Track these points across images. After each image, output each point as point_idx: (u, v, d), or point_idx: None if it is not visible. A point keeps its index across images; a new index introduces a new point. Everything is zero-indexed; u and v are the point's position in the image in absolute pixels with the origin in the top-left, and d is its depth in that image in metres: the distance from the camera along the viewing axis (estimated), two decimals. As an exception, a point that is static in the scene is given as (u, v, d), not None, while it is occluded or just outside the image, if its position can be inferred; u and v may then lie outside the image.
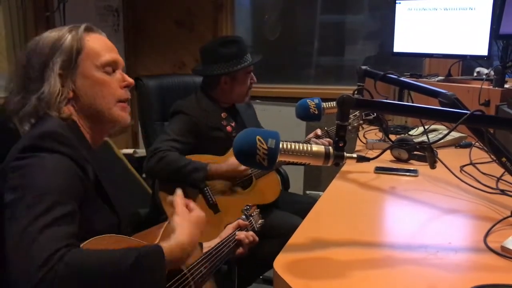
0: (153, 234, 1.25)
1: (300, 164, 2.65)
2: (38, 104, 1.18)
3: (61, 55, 1.20)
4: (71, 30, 1.25)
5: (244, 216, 1.69)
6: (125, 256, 0.99)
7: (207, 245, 1.49)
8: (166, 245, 1.09)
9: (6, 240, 0.98)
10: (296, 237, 1.23)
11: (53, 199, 1.01)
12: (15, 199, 1.01)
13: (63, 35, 1.23)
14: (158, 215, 2.12)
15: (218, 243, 1.50)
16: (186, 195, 2.12)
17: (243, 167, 2.12)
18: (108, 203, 1.23)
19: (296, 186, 3.55)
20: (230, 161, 2.13)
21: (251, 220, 1.70)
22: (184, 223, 1.19)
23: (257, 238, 1.62)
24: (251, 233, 1.61)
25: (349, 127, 2.19)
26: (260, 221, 1.77)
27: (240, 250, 1.57)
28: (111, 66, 1.27)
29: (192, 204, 1.28)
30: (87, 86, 1.23)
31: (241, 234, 1.58)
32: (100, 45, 1.27)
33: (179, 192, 1.31)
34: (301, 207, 2.19)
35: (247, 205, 1.76)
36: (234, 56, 2.28)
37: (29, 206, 0.99)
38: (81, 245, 1.03)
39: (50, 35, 1.23)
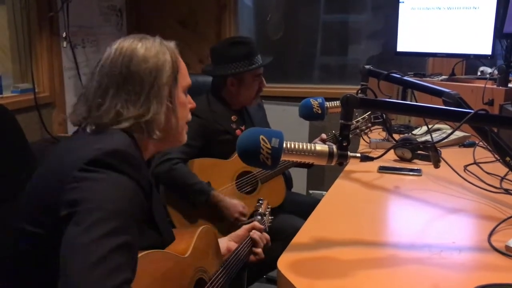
0: (188, 238, 1.27)
1: (306, 166, 2.66)
2: (145, 122, 1.11)
3: (169, 71, 1.16)
4: (166, 45, 1.21)
5: (259, 217, 1.65)
6: None
7: (224, 246, 1.47)
8: None
9: (64, 249, 0.90)
10: (300, 237, 1.24)
11: (122, 223, 0.94)
12: (81, 211, 0.93)
13: (163, 51, 1.18)
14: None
15: (236, 250, 1.46)
16: (190, 201, 2.14)
17: (240, 217, 2.09)
18: (156, 225, 1.19)
19: (300, 185, 3.55)
20: (234, 202, 2.12)
21: (264, 221, 1.67)
22: None
23: (269, 241, 1.59)
24: (265, 235, 1.58)
25: (358, 131, 2.19)
26: (270, 218, 1.75)
27: (257, 251, 1.53)
28: (188, 88, 1.27)
29: None
30: (177, 106, 1.20)
31: (254, 234, 1.54)
32: (183, 65, 1.26)
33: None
34: (304, 207, 2.18)
35: (259, 200, 1.74)
36: (242, 58, 2.22)
37: (97, 222, 0.91)
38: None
39: (149, 47, 1.17)
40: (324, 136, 2.33)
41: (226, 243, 1.50)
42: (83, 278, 0.85)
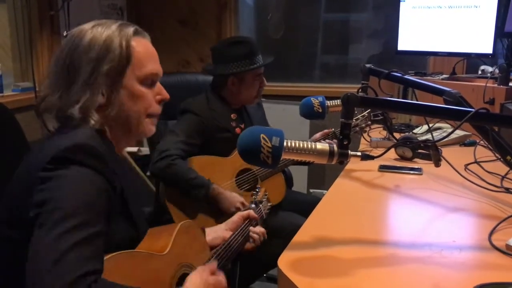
0: (167, 235, 1.24)
1: (305, 163, 2.66)
2: (78, 112, 1.11)
3: (109, 63, 1.12)
4: (120, 31, 1.15)
5: (253, 205, 1.65)
6: None
7: (220, 235, 1.46)
8: None
9: (30, 251, 0.93)
10: (300, 236, 1.24)
11: (84, 217, 0.96)
12: (44, 212, 0.96)
13: (112, 38, 1.13)
14: (162, 214, 2.13)
15: (229, 239, 1.46)
16: (191, 196, 2.15)
17: (240, 205, 2.08)
18: (129, 217, 1.18)
19: (300, 184, 3.55)
20: (234, 195, 2.12)
21: (260, 208, 1.67)
22: (201, 284, 1.16)
23: (266, 235, 1.60)
24: (263, 230, 1.59)
25: (357, 128, 2.19)
26: (268, 205, 1.74)
27: (248, 245, 1.54)
28: (152, 79, 1.19)
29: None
30: (124, 97, 1.15)
31: (254, 234, 1.56)
32: (145, 53, 1.18)
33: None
34: (304, 206, 2.19)
35: (257, 187, 1.74)
36: (243, 57, 2.23)
37: (59, 221, 0.94)
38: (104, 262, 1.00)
39: (97, 34, 1.13)
40: (327, 130, 2.34)
41: (222, 232, 1.48)
42: (48, 275, 0.88)
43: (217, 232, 1.49)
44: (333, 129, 2.36)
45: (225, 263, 1.41)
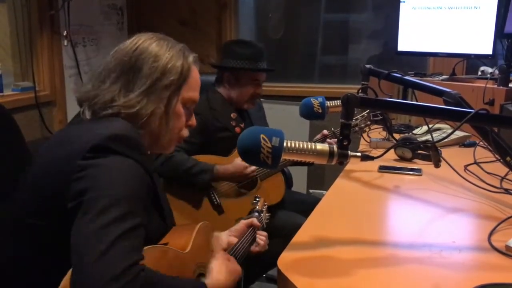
0: (187, 234, 1.27)
1: (306, 164, 2.66)
2: (129, 113, 1.13)
3: (174, 75, 1.17)
4: (184, 53, 1.22)
5: (256, 213, 1.66)
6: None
7: (224, 241, 1.47)
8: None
9: (73, 239, 0.93)
10: (300, 236, 1.24)
11: (129, 207, 0.96)
12: (87, 200, 0.95)
13: (177, 57, 1.20)
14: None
15: (235, 245, 1.47)
16: (191, 196, 2.15)
17: (249, 169, 2.11)
18: (160, 212, 1.22)
19: (300, 185, 3.55)
20: (236, 163, 2.12)
21: (261, 218, 1.68)
22: (222, 268, 1.24)
23: (267, 239, 1.61)
24: (265, 233, 1.60)
25: (357, 128, 2.19)
26: (267, 215, 1.76)
27: (254, 248, 1.56)
28: (192, 104, 1.26)
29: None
30: (165, 113, 1.18)
31: (261, 237, 1.57)
32: (196, 80, 1.25)
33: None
34: (304, 206, 2.19)
35: (256, 197, 1.75)
36: (245, 57, 2.23)
37: (104, 209, 0.93)
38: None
39: (164, 48, 1.19)
40: (326, 132, 2.34)
41: (226, 238, 1.49)
42: (95, 266, 0.87)
43: (222, 237, 1.50)
44: (332, 128, 2.36)
45: None
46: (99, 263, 0.87)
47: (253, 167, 2.11)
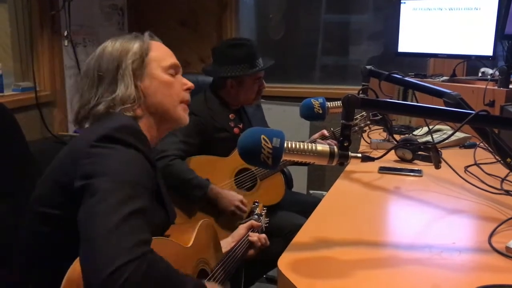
0: (190, 229, 1.31)
1: (305, 164, 2.66)
2: (113, 105, 1.20)
3: (132, 57, 1.24)
4: (136, 36, 1.30)
5: (256, 216, 1.68)
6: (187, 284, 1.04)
7: (228, 246, 1.50)
8: None
9: (82, 219, 0.95)
10: (300, 237, 1.24)
11: (135, 192, 1.00)
12: (94, 183, 0.98)
13: (130, 40, 1.28)
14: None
15: (233, 247, 1.50)
16: (189, 197, 2.14)
17: (239, 203, 2.09)
18: (162, 204, 1.26)
19: (300, 185, 3.55)
20: (232, 193, 2.12)
21: (261, 221, 1.69)
22: None
23: (268, 241, 1.61)
24: (263, 235, 1.61)
25: (356, 128, 2.19)
26: (266, 220, 1.77)
27: (251, 251, 1.57)
28: (174, 69, 1.31)
29: None
30: (154, 86, 1.26)
31: (254, 237, 1.58)
32: (162, 50, 1.32)
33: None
34: (304, 207, 2.19)
35: (255, 202, 1.75)
36: (243, 60, 2.22)
37: (112, 191, 0.97)
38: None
39: (117, 41, 1.28)
40: (325, 132, 2.34)
41: (230, 244, 1.52)
42: (105, 241, 0.89)
43: (226, 242, 1.53)
44: (332, 129, 2.36)
45: (230, 270, 1.44)
46: (111, 237, 0.89)
47: (245, 208, 2.11)
